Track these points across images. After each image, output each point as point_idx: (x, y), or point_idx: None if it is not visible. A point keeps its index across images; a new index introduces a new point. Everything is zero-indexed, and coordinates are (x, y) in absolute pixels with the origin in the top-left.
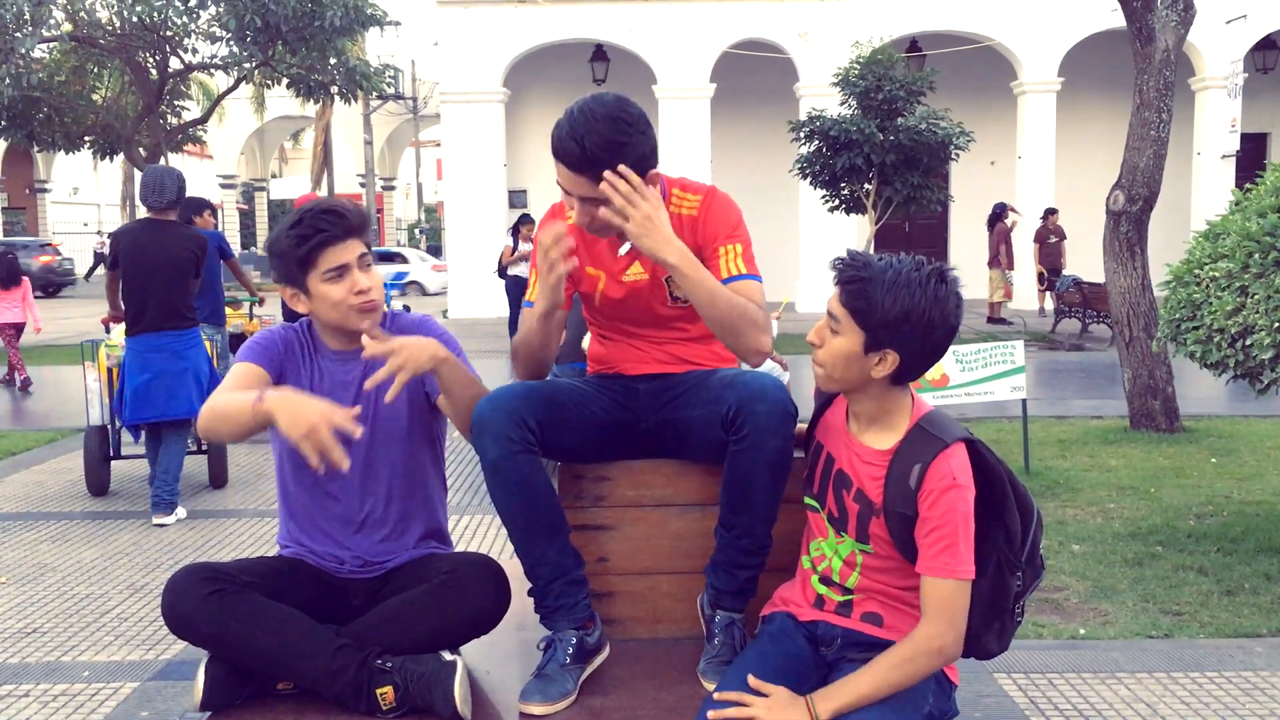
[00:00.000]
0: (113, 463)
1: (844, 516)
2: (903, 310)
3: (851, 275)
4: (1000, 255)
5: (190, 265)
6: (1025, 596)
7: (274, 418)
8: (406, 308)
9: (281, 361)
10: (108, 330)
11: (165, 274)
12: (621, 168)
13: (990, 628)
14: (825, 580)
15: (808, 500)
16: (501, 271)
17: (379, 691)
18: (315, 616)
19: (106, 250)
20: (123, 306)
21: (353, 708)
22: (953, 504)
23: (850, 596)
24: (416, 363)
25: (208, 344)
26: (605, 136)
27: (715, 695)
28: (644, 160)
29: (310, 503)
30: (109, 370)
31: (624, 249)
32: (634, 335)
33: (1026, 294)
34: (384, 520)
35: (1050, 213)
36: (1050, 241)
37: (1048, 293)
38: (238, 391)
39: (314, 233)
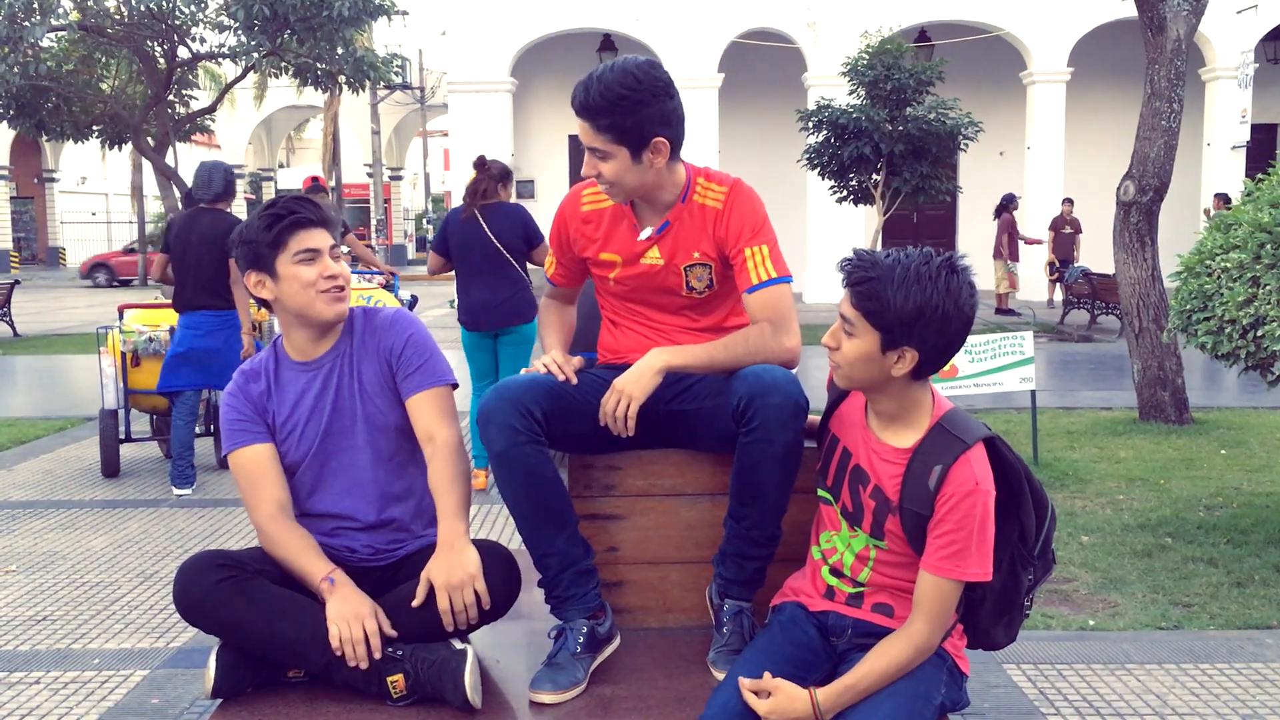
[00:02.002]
0: (122, 446)
1: (859, 511)
2: (916, 306)
3: (861, 276)
4: (1003, 246)
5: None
6: (1034, 590)
7: (327, 602)
8: (415, 297)
9: (260, 416)
10: (121, 316)
11: (200, 256)
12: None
13: (999, 621)
14: (836, 572)
15: (821, 493)
16: None
17: (390, 679)
18: None
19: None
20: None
21: (364, 695)
22: (972, 509)
23: (861, 589)
24: (461, 583)
25: None
26: (609, 86)
27: (741, 683)
28: (646, 122)
29: (320, 504)
30: (123, 355)
31: (644, 234)
32: (644, 320)
33: (1035, 285)
34: (394, 516)
35: (1066, 202)
36: (1064, 232)
37: (1057, 284)
38: (306, 548)
39: (287, 214)
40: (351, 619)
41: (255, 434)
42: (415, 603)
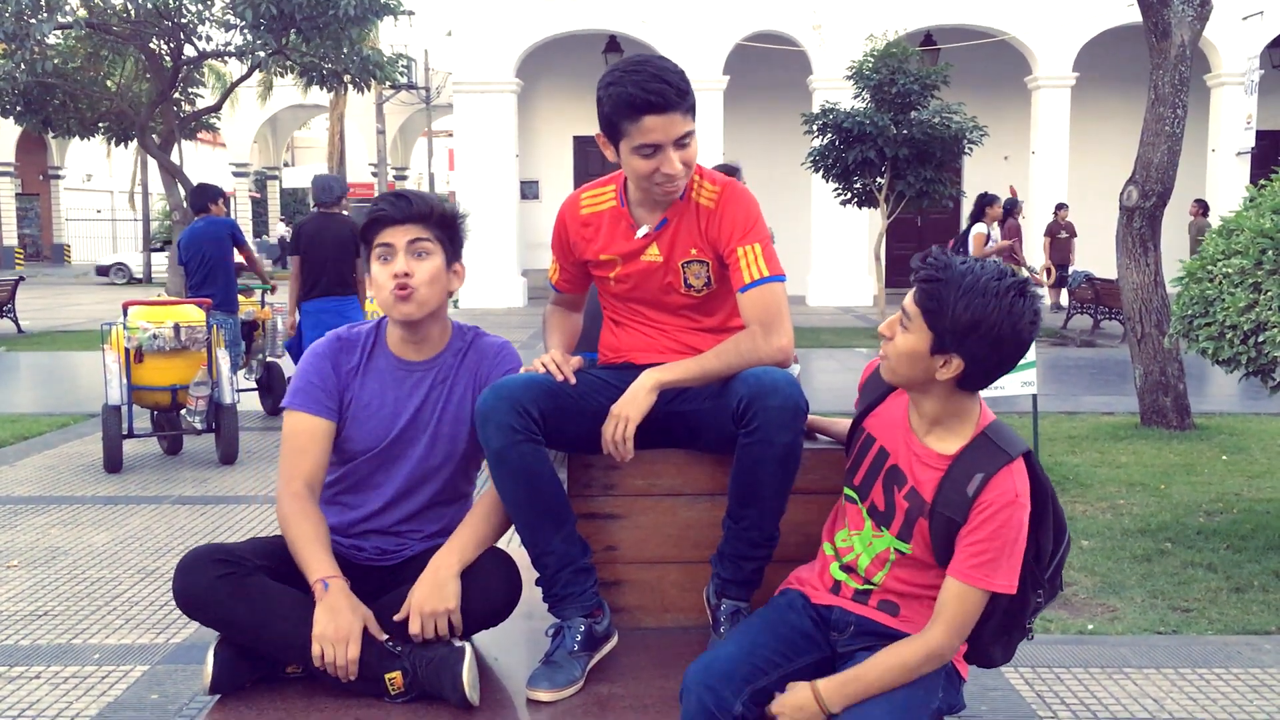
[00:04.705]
0: (125, 442)
1: (890, 512)
2: (973, 318)
3: (929, 274)
4: (1014, 251)
5: (352, 245)
6: (1038, 613)
7: (317, 608)
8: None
9: (338, 391)
10: (125, 312)
11: (334, 253)
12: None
13: (1000, 639)
14: (847, 569)
15: (847, 491)
16: None
17: (388, 676)
18: None
19: (289, 238)
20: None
21: (362, 691)
22: (1008, 520)
23: (871, 588)
24: (434, 613)
25: (217, 331)
26: (675, 68)
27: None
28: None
29: (359, 501)
30: (126, 351)
31: (641, 232)
32: (646, 320)
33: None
34: (411, 524)
35: (1060, 208)
36: (1060, 237)
37: (1060, 289)
38: (314, 537)
39: (375, 210)
40: (336, 641)
41: (323, 407)
42: (397, 617)
